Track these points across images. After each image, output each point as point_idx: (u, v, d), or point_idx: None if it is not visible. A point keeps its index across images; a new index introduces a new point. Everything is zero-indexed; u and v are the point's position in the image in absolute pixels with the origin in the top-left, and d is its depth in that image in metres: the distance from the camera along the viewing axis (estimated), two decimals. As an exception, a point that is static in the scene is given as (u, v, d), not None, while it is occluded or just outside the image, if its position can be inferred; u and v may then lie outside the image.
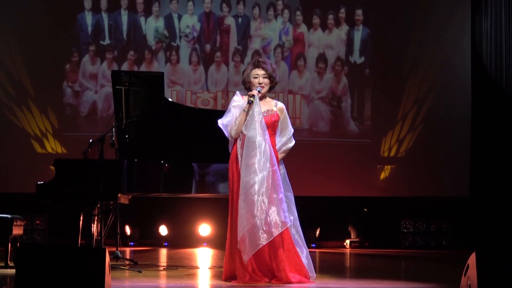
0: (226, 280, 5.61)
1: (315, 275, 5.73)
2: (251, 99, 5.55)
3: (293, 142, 5.79)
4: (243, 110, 5.56)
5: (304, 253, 5.65)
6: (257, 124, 5.52)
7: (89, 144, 6.72)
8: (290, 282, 5.43)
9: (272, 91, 5.90)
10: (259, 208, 5.36)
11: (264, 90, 5.68)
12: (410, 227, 10.92)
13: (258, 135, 5.50)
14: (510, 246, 9.33)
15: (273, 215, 5.39)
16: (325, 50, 11.08)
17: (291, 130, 5.79)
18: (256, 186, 5.39)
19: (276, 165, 5.52)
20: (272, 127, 5.66)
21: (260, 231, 5.37)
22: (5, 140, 10.48)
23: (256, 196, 5.38)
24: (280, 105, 5.78)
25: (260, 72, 5.68)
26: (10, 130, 10.50)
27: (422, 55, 11.12)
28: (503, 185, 10.52)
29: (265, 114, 5.62)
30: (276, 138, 5.72)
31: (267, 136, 5.54)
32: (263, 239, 5.38)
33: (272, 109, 5.69)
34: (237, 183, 5.52)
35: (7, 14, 10.59)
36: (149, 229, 10.99)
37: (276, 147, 5.69)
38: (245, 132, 5.53)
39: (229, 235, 5.62)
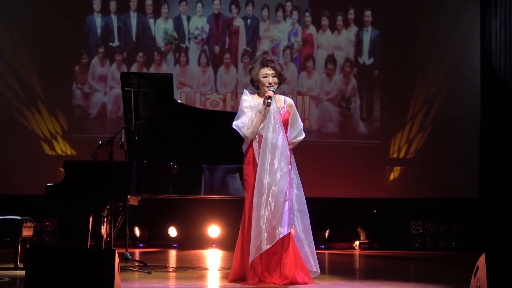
0: (232, 281, 5.58)
1: (319, 271, 5.69)
2: (269, 101, 5.49)
3: (303, 135, 5.77)
4: (259, 112, 5.51)
5: (305, 247, 5.62)
6: (275, 125, 5.49)
7: (99, 146, 6.75)
8: (297, 282, 5.42)
9: (281, 92, 5.87)
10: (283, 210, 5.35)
11: (275, 89, 5.65)
12: (419, 228, 10.90)
13: (277, 135, 5.47)
14: (520, 247, 9.30)
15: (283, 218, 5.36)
16: (334, 51, 11.07)
17: (300, 123, 5.77)
18: (280, 188, 5.36)
19: (290, 164, 5.51)
20: (286, 124, 5.64)
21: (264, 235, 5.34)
22: (15, 141, 10.53)
23: (281, 198, 5.35)
24: (289, 100, 5.74)
25: (269, 71, 5.60)
26: (19, 132, 10.55)
27: (431, 55, 11.10)
28: (513, 186, 10.49)
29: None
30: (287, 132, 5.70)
31: (284, 135, 5.53)
32: (265, 243, 5.34)
33: (283, 106, 5.65)
34: (254, 185, 5.45)
35: (17, 16, 10.64)
36: (158, 231, 11.01)
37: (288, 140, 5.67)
38: (262, 134, 5.49)
39: (240, 236, 5.58)
